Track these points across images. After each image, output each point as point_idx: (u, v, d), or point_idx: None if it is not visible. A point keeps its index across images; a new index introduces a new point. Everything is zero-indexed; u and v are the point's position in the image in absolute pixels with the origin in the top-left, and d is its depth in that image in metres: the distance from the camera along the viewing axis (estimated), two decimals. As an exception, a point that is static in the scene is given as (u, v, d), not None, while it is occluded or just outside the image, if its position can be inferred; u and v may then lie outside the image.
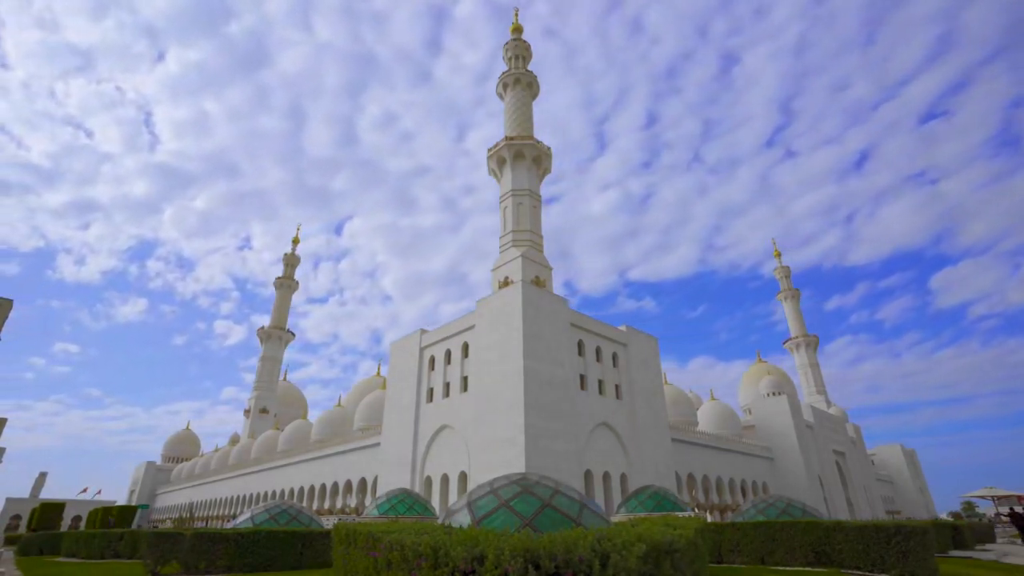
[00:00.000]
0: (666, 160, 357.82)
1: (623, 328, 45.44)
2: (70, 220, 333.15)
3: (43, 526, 48.47)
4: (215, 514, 78.95)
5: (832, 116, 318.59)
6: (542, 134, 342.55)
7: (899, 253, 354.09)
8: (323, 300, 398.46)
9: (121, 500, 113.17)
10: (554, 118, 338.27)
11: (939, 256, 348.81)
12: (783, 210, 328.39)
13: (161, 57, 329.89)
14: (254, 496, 69.18)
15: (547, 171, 54.13)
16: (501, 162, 52.41)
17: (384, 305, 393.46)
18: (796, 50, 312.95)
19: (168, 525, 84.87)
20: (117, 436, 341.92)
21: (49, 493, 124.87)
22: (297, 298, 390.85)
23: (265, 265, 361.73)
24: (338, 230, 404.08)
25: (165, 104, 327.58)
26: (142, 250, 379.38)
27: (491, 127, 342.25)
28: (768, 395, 76.69)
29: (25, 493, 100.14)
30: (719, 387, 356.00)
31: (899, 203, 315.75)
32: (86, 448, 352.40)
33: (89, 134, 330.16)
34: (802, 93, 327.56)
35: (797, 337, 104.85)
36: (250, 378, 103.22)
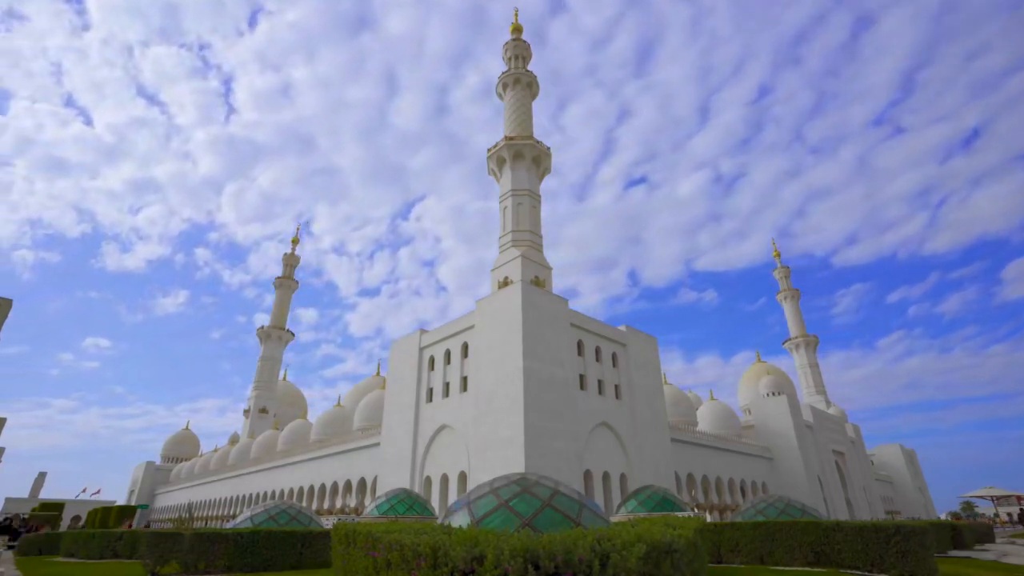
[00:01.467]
0: (767, 137, 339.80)
1: (623, 328, 45.53)
2: (124, 202, 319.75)
3: (42, 526, 48.43)
4: (214, 514, 78.92)
5: (955, 89, 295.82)
6: (646, 108, 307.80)
7: (982, 240, 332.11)
8: (375, 292, 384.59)
9: (121, 500, 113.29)
10: (664, 92, 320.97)
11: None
12: (872, 194, 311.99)
13: (254, 17, 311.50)
14: (253, 496, 69.14)
15: (547, 171, 54.19)
16: (501, 162, 52.46)
17: (437, 296, 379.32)
18: (938, 12, 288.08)
19: (155, 527, 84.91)
20: (132, 435, 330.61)
21: (49, 493, 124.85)
22: (348, 290, 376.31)
23: (322, 254, 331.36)
24: (405, 214, 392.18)
25: (250, 72, 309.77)
26: (194, 235, 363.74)
27: (596, 99, 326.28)
28: (768, 395, 76.69)
29: (26, 493, 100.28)
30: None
31: (999, 185, 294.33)
32: (99, 447, 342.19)
33: (162, 105, 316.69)
34: (931, 63, 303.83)
35: (796, 337, 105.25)
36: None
